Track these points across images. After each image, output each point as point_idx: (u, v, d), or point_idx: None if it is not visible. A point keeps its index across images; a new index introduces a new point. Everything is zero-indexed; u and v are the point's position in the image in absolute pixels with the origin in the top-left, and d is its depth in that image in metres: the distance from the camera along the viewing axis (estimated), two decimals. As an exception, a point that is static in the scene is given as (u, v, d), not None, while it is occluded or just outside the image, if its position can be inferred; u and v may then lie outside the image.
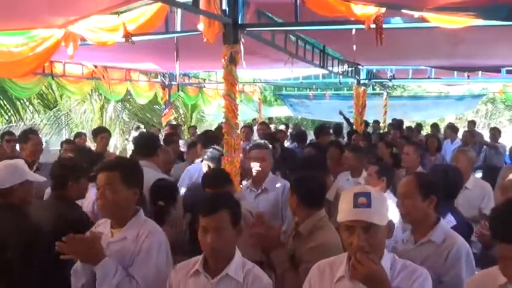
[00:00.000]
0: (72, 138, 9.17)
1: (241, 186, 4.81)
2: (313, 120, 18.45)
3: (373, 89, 17.79)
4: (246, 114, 17.70)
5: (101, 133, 7.49)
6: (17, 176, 3.34)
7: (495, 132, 10.87)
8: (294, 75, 13.91)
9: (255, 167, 4.54)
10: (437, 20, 4.31)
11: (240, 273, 2.46)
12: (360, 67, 11.56)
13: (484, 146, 10.85)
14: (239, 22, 4.86)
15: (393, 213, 2.69)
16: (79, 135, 9.21)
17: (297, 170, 4.27)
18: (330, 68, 9.88)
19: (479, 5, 3.73)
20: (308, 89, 17.91)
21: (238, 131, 5.28)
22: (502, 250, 2.05)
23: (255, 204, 4.41)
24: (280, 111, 21.34)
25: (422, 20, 4.41)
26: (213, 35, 4.75)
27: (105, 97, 13.70)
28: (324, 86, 16.96)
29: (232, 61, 4.83)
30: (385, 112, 15.54)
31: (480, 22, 4.22)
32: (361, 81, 11.92)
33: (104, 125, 13.00)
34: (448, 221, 3.64)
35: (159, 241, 2.83)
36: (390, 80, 13.37)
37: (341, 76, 11.72)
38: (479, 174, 8.43)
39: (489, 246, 3.13)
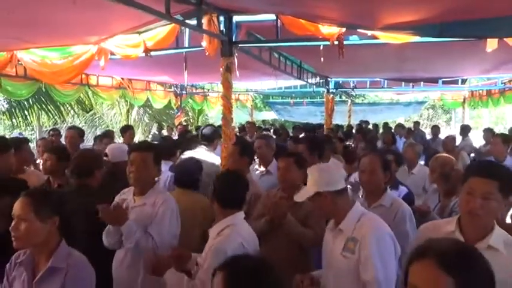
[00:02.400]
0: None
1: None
2: (294, 121, 18.52)
3: (340, 97, 17.92)
4: (240, 117, 17.78)
5: (128, 130, 7.55)
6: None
7: (435, 130, 11.02)
8: (278, 86, 13.99)
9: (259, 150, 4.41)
10: (385, 37, 4.39)
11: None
12: (329, 79, 11.68)
13: (427, 138, 11.04)
14: (233, 40, 4.92)
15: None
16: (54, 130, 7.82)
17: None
18: (306, 80, 9.98)
19: (416, 25, 3.77)
20: (289, 97, 18.04)
21: (233, 125, 5.33)
22: (470, 184, 1.96)
23: (260, 182, 4.11)
24: (268, 115, 21.45)
25: (374, 37, 4.50)
26: (213, 50, 4.83)
27: (130, 103, 13.69)
28: (301, 95, 17.08)
29: (228, 70, 4.91)
30: (349, 116, 15.86)
31: (417, 39, 4.31)
32: (330, 90, 12.06)
33: (129, 125, 13.10)
34: (402, 189, 3.77)
35: (172, 208, 2.87)
36: (353, 89, 13.50)
37: (314, 86, 11.85)
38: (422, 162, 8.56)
39: (424, 215, 3.21)
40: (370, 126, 13.66)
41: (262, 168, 4.38)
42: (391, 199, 3.02)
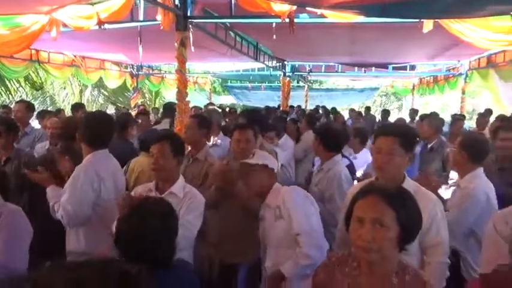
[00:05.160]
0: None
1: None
2: (252, 106, 18.76)
3: (298, 83, 18.36)
4: (199, 101, 17.76)
5: (81, 108, 7.47)
6: None
7: (385, 114, 11.61)
8: (236, 68, 14.11)
9: None
10: (333, 16, 4.65)
11: (181, 192, 2.55)
12: (285, 62, 11.96)
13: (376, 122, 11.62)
14: (188, 14, 5.02)
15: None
16: (3, 107, 7.51)
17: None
18: (263, 62, 10.19)
19: (360, 4, 4.03)
20: (247, 82, 18.22)
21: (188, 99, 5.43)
22: (377, 143, 2.29)
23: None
24: (227, 99, 21.48)
25: (323, 16, 4.76)
26: (168, 24, 4.90)
27: (83, 84, 13.35)
28: (260, 79, 17.31)
29: (183, 45, 5.02)
30: (306, 101, 16.40)
31: (362, 18, 4.62)
32: (287, 74, 12.36)
33: (82, 106, 12.75)
34: (345, 161, 4.11)
35: (77, 174, 2.75)
36: (308, 73, 13.87)
37: (271, 69, 12.10)
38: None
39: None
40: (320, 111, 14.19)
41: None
42: (329, 164, 3.46)
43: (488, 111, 8.39)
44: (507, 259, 1.92)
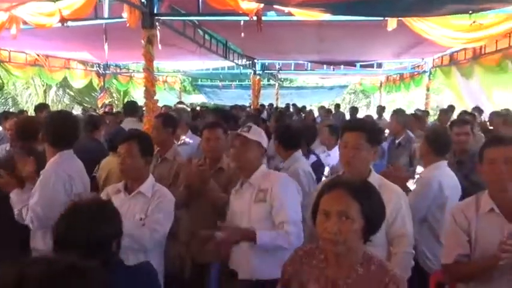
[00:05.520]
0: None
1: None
2: (223, 104, 18.71)
3: (268, 81, 18.46)
4: (169, 100, 17.55)
5: (45, 109, 7.23)
6: None
7: (353, 110, 11.84)
8: (206, 67, 14.03)
9: None
10: (300, 14, 4.71)
11: (150, 191, 2.49)
12: (255, 61, 12.00)
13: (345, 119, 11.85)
14: (154, 11, 4.96)
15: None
16: None
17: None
18: (232, 60, 10.19)
19: (326, 2, 4.10)
20: (218, 80, 18.17)
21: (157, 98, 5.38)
22: (344, 138, 2.33)
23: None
24: (197, 98, 21.34)
25: (290, 14, 4.80)
26: (134, 22, 4.83)
27: (47, 84, 12.93)
28: (230, 78, 17.30)
29: (150, 42, 4.95)
30: (277, 99, 16.51)
31: (328, 16, 4.69)
32: (257, 72, 12.40)
33: (46, 107, 12.33)
34: (312, 158, 4.17)
35: (46, 176, 2.73)
36: (278, 71, 13.96)
37: (241, 68, 12.11)
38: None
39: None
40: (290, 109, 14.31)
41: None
42: (291, 161, 3.50)
43: (451, 108, 8.69)
44: (467, 249, 2.03)
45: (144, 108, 5.33)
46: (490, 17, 4.62)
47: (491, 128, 5.94)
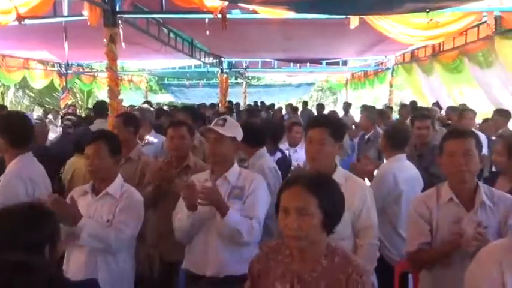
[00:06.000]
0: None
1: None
2: (191, 103, 18.54)
3: (236, 79, 18.45)
4: (135, 100, 17.22)
5: (3, 110, 6.95)
6: None
7: (320, 107, 12.02)
8: (172, 65, 13.87)
9: None
10: (265, 12, 4.74)
11: (118, 192, 2.45)
12: (222, 59, 11.97)
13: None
14: (116, 9, 4.85)
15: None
16: None
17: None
18: (199, 58, 10.12)
19: (289, 0, 4.14)
20: (185, 79, 17.98)
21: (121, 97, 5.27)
22: (308, 135, 2.35)
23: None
24: (164, 97, 21.05)
25: (255, 12, 4.82)
26: (95, 20, 4.72)
27: (4, 85, 12.41)
28: (197, 76, 17.15)
29: (112, 41, 4.85)
30: (245, 97, 16.54)
31: (293, 14, 4.74)
32: (224, 70, 12.37)
33: (5, 109, 11.82)
34: (277, 155, 4.21)
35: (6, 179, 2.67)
36: (245, 69, 13.98)
37: (208, 66, 12.05)
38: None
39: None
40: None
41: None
42: (257, 159, 3.49)
43: (412, 103, 8.98)
44: (428, 238, 2.13)
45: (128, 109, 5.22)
46: (447, 15, 4.82)
47: (449, 122, 6.17)
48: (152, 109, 4.70)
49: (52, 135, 5.95)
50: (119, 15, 4.95)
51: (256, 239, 2.33)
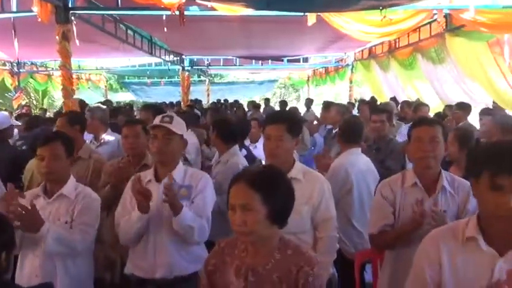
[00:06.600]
0: None
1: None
2: (153, 102, 18.20)
3: (199, 77, 18.29)
4: (94, 100, 16.73)
5: None
6: None
7: (282, 104, 12.11)
8: (131, 63, 13.56)
9: None
10: (223, 9, 4.72)
11: (73, 192, 2.39)
12: (183, 56, 11.83)
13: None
14: (69, 5, 4.69)
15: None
16: None
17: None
18: (159, 56, 9.95)
19: (246, -3, 4.15)
20: (146, 77, 17.64)
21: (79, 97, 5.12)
22: (266, 131, 2.37)
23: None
24: (125, 96, 20.58)
25: (213, 9, 4.79)
26: (46, 16, 4.54)
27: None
28: (159, 74, 16.88)
29: (65, 38, 4.70)
30: (208, 95, 16.45)
31: (252, 11, 4.75)
32: (185, 68, 12.23)
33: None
34: (243, 152, 4.22)
35: None
36: (207, 66, 13.91)
37: (169, 64, 11.87)
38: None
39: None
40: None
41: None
42: (228, 155, 3.53)
43: (372, 99, 9.24)
44: (391, 220, 2.22)
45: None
46: (399, 13, 4.99)
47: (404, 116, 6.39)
48: (104, 107, 4.56)
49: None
50: (72, 12, 4.78)
51: (205, 237, 2.33)
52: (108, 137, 4.09)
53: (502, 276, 1.40)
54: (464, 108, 5.69)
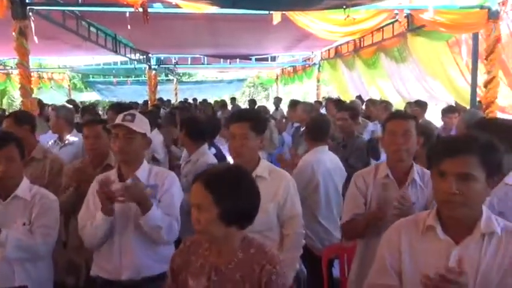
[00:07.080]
0: None
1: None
2: (119, 101, 17.79)
3: (167, 76, 18.03)
4: (57, 99, 16.18)
5: None
6: None
7: (251, 103, 12.12)
8: (96, 62, 13.18)
9: None
10: (187, 7, 4.66)
11: (28, 193, 2.32)
12: (150, 55, 11.62)
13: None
14: (26, 0, 4.50)
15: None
16: None
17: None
18: (124, 55, 9.73)
19: (212, -5, 4.12)
20: (112, 76, 17.20)
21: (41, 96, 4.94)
22: (230, 130, 2.39)
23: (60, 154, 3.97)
24: (89, 96, 20.02)
25: (177, 6, 4.72)
26: (1, 11, 4.34)
27: None
28: (125, 73, 16.51)
29: (22, 35, 4.51)
30: (176, 94, 16.25)
31: (217, 9, 4.71)
32: (152, 67, 12.02)
33: None
34: (212, 151, 4.21)
35: None
36: (175, 65, 13.72)
37: (136, 62, 11.63)
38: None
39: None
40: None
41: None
42: (198, 154, 3.52)
43: (338, 98, 9.39)
44: (362, 210, 2.28)
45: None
46: (362, 12, 5.09)
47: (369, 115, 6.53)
48: (70, 106, 4.42)
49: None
50: (29, 7, 4.59)
51: (174, 236, 2.29)
52: (72, 138, 3.97)
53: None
54: (421, 105, 5.88)
